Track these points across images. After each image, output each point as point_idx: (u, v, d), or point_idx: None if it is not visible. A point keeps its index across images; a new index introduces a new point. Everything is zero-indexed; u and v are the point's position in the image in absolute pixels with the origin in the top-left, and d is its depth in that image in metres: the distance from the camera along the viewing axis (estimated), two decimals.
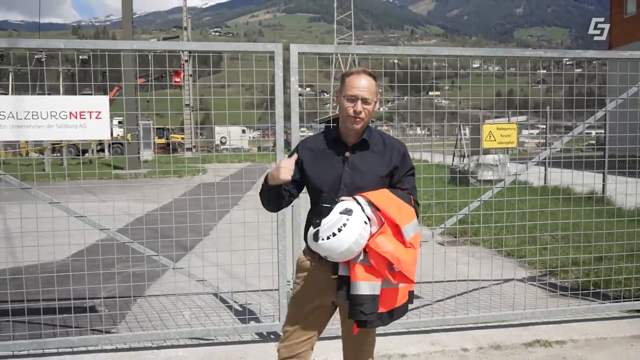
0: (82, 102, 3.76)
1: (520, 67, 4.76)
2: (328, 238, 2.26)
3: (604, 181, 10.34)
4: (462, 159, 18.73)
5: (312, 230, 2.34)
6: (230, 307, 4.97)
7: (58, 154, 25.80)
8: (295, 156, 2.54)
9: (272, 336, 4.41)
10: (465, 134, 19.17)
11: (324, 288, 2.52)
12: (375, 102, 2.52)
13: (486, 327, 4.60)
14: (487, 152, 15.03)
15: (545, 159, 5.08)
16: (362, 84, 2.46)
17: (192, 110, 36.58)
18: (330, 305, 2.59)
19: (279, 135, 4.08)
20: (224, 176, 17.67)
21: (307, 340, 2.57)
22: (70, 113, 3.73)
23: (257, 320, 4.60)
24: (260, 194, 2.62)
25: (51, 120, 3.71)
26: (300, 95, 4.14)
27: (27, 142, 21.55)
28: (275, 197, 2.57)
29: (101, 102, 3.78)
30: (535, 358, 4.05)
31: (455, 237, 8.17)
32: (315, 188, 2.54)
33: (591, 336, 4.43)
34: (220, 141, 40.04)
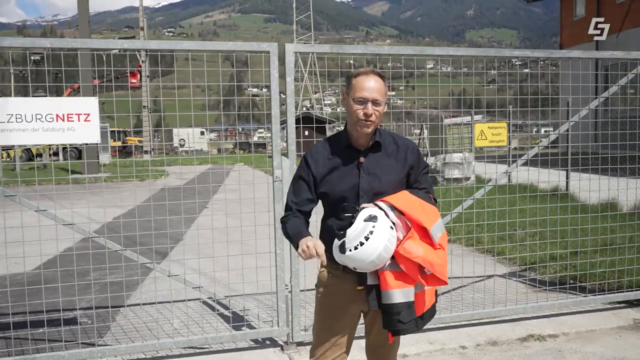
0: (70, 104, 3.57)
1: (472, 67, 4.84)
2: (356, 248, 2.17)
3: (567, 178, 10.69)
4: (424, 158, 19.01)
5: (337, 242, 2.24)
6: (221, 314, 4.84)
7: (10, 159, 24.70)
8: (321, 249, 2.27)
9: (267, 342, 4.32)
10: (424, 134, 19.46)
11: (351, 300, 2.43)
12: (385, 103, 2.44)
13: (479, 323, 4.65)
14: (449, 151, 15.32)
15: (524, 157, 5.18)
16: (371, 85, 2.36)
17: (151, 112, 35.73)
18: (357, 315, 2.51)
19: (275, 136, 3.99)
20: (187, 179, 17.31)
21: (340, 356, 2.48)
22: (57, 116, 3.53)
23: (250, 326, 4.49)
24: (283, 231, 2.50)
25: (36, 123, 3.50)
26: (255, 96, 4.06)
27: None
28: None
29: (90, 104, 3.60)
30: (533, 352, 4.11)
31: None
32: (333, 199, 2.42)
33: (581, 329, 4.55)
34: (179, 143, 39.30)
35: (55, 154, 30.37)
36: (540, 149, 4.84)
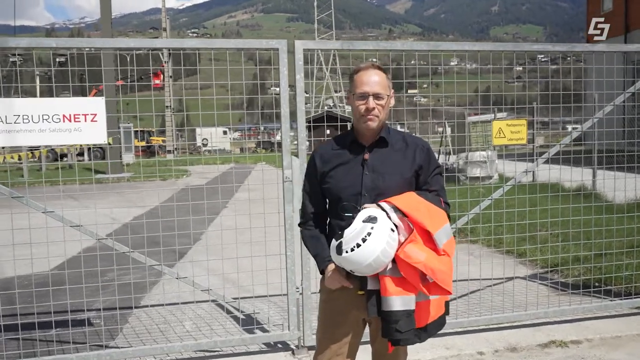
0: (77, 104, 3.53)
1: (497, 63, 4.67)
2: (352, 250, 2.06)
3: (593, 177, 10.35)
4: (447, 156, 18.73)
5: (334, 242, 2.15)
6: (233, 316, 4.77)
7: (35, 159, 25.16)
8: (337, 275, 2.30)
9: (279, 345, 4.23)
10: (447, 131, 19.14)
11: (353, 306, 2.33)
12: (389, 96, 2.34)
13: (498, 328, 4.48)
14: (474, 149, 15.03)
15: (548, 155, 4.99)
16: (372, 79, 2.29)
17: (173, 112, 36.05)
18: (361, 322, 2.40)
19: (285, 135, 3.90)
20: (209, 179, 17.37)
21: None
22: (64, 116, 3.50)
23: (262, 329, 4.42)
24: (305, 244, 2.54)
25: (43, 124, 3.47)
26: (277, 94, 3.96)
27: (3, 147, 20.91)
28: None
29: (97, 104, 3.55)
30: (554, 359, 3.94)
31: (454, 235, 8.04)
32: (335, 196, 2.34)
33: (605, 335, 4.34)
34: (202, 143, 39.57)
35: (81, 154, 30.84)
36: (567, 147, 4.65)
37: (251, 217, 4.24)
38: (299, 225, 2.53)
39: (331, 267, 2.30)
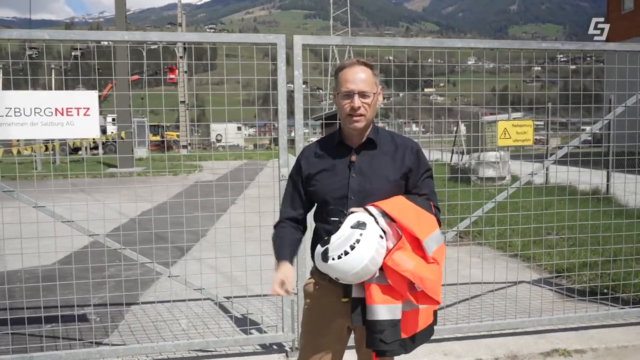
0: (69, 98, 3.47)
1: (514, 63, 4.53)
2: (339, 257, 1.96)
3: (608, 180, 10.09)
4: (460, 156, 18.50)
5: (319, 248, 2.04)
6: (230, 316, 4.70)
7: (50, 152, 25.38)
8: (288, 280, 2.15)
9: (274, 346, 4.15)
10: (461, 131, 18.90)
11: (337, 313, 2.23)
12: (376, 94, 2.22)
13: (500, 334, 4.35)
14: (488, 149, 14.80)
15: (555, 156, 4.84)
16: (357, 77, 2.16)
17: (187, 108, 36.17)
18: (345, 331, 2.30)
19: (282, 132, 3.81)
20: (220, 174, 17.36)
21: None
22: (56, 110, 3.44)
23: (259, 329, 4.34)
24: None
25: (35, 117, 3.42)
26: (291, 90, 3.87)
27: (18, 140, 21.13)
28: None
29: (90, 98, 3.49)
30: None
31: (461, 237, 7.91)
32: (320, 199, 2.24)
33: (611, 344, 4.19)
34: (216, 138, 39.68)
35: (95, 148, 31.10)
36: (581, 148, 4.49)
37: (250, 216, 4.17)
38: (274, 226, 2.40)
39: (280, 273, 2.16)
